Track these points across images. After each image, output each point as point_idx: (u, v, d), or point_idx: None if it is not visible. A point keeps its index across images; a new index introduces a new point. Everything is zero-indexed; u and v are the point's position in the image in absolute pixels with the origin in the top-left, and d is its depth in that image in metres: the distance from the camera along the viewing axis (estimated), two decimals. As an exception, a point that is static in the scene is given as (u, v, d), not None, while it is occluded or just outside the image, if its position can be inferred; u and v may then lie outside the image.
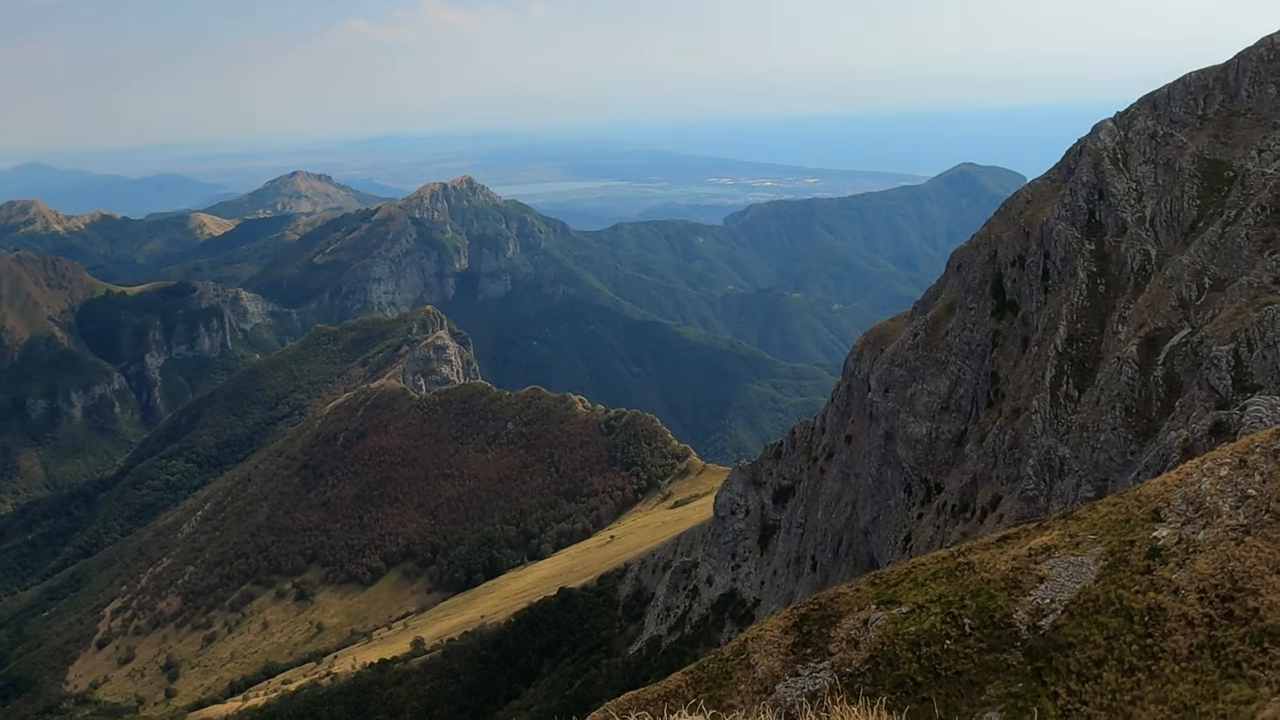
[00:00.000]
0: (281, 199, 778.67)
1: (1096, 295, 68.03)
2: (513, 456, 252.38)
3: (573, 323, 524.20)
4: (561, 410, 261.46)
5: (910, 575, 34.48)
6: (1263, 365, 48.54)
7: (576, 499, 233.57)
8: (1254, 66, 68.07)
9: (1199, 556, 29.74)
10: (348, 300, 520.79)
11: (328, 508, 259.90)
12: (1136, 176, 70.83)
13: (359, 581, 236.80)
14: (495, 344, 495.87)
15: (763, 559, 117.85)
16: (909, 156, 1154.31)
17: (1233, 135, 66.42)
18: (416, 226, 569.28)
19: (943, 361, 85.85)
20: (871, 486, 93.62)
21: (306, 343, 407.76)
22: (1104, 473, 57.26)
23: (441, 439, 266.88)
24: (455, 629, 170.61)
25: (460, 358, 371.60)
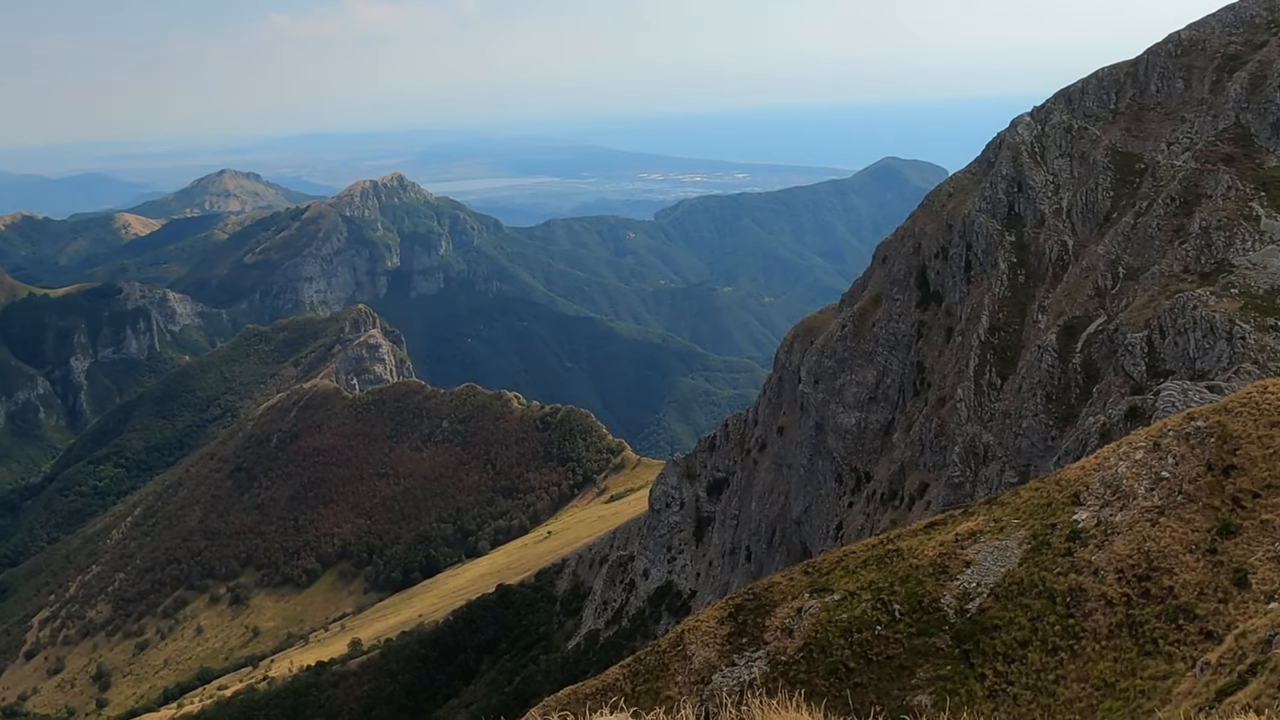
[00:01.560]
0: (209, 198, 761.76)
1: (1017, 285, 69.89)
2: (448, 454, 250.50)
3: (506, 319, 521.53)
4: (497, 407, 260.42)
5: (842, 563, 35.22)
6: (1174, 351, 50.34)
7: (513, 495, 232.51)
8: (1162, 62, 70.44)
9: (1117, 538, 30.87)
10: (279, 300, 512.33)
11: (262, 510, 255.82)
12: (1053, 169, 72.88)
13: (295, 584, 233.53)
14: (429, 342, 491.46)
15: (698, 551, 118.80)
16: (835, 151, 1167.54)
17: (1143, 128, 68.70)
18: (347, 225, 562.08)
19: (870, 352, 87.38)
20: (803, 476, 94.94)
21: (237, 343, 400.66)
22: (1026, 458, 58.90)
23: (376, 438, 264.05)
24: (393, 629, 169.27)
25: (394, 356, 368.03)
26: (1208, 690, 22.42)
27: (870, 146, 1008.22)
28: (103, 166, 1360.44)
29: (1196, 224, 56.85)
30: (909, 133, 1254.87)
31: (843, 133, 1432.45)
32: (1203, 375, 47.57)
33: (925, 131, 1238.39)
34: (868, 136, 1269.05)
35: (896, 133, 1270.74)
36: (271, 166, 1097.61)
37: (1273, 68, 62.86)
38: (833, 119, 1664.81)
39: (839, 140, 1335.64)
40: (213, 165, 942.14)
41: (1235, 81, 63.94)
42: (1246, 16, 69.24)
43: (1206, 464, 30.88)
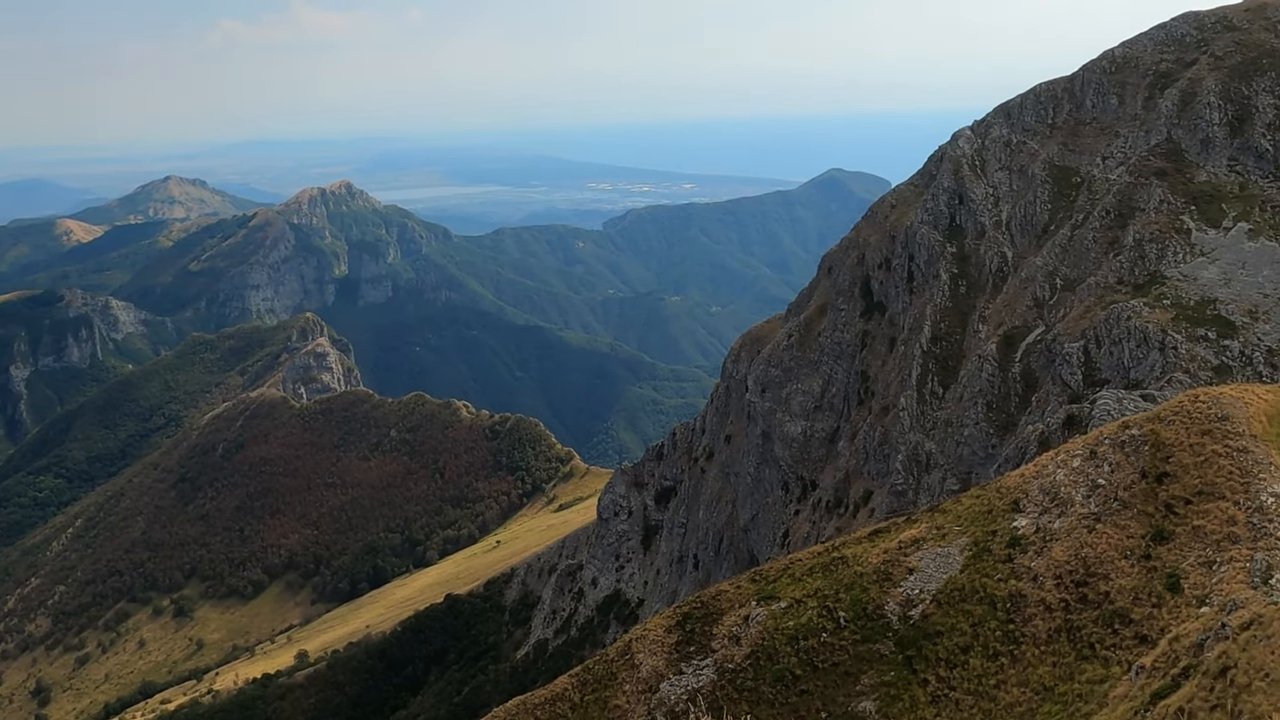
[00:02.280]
0: (154, 204, 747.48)
1: (958, 295, 71.10)
2: (396, 464, 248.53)
3: (455, 328, 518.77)
4: (445, 416, 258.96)
5: (788, 571, 35.55)
6: (1110, 361, 51.59)
7: (462, 505, 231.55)
8: (1097, 78, 72.25)
9: (1055, 544, 31.53)
10: (225, 308, 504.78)
11: (207, 520, 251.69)
12: (993, 182, 74.33)
13: (240, 595, 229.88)
14: (377, 350, 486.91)
15: (646, 559, 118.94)
16: (781, 162, 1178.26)
17: (1079, 143, 70.38)
18: (295, 232, 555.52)
19: (816, 362, 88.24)
20: (750, 485, 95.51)
21: (182, 352, 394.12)
22: (968, 466, 59.88)
23: (323, 448, 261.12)
24: (340, 640, 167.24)
25: (341, 365, 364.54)
26: (1143, 694, 23.00)
27: (816, 158, 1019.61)
28: (43, 172, 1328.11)
29: (1130, 237, 58.35)
30: (853, 145, 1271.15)
31: (789, 144, 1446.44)
32: (1137, 384, 48.80)
33: (869, 144, 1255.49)
34: (813, 148, 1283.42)
35: (841, 145, 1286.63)
36: (218, 173, 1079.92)
37: (1202, 85, 64.79)
38: (779, 130, 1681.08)
39: (785, 152, 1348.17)
40: (157, 171, 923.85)
41: (1167, 98, 65.79)
42: (1177, 35, 71.28)
43: (1141, 471, 31.60)
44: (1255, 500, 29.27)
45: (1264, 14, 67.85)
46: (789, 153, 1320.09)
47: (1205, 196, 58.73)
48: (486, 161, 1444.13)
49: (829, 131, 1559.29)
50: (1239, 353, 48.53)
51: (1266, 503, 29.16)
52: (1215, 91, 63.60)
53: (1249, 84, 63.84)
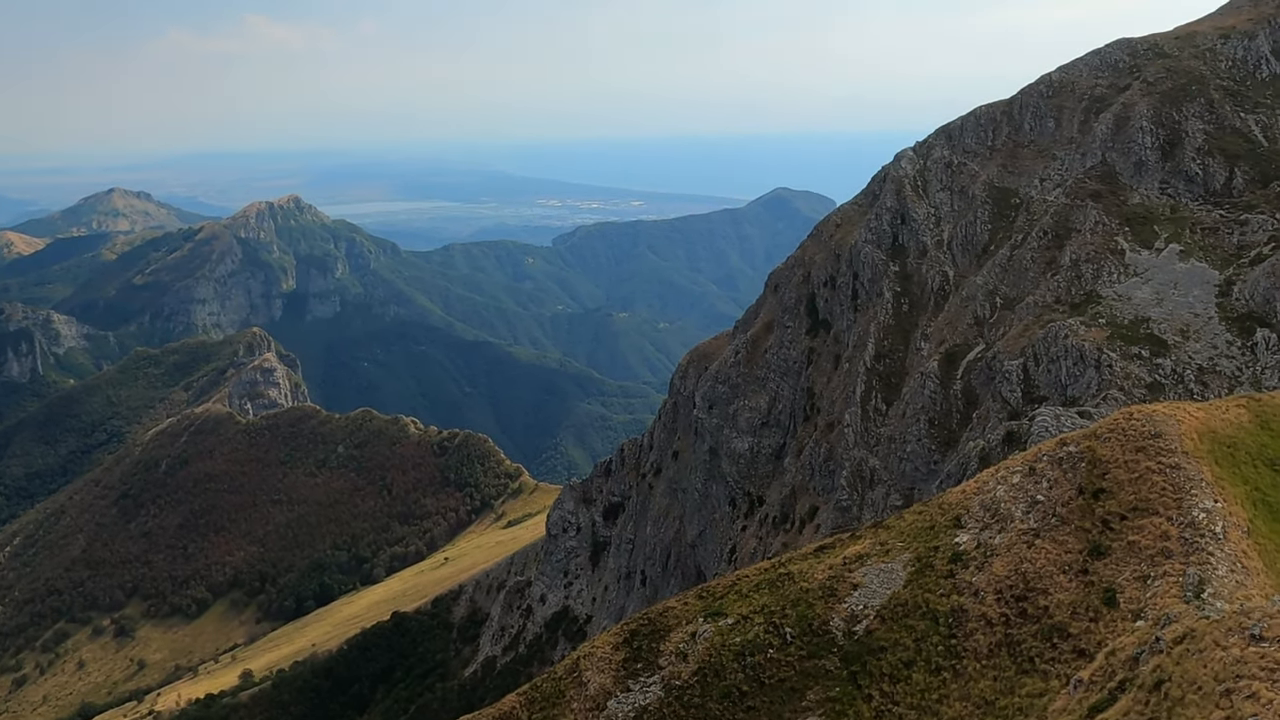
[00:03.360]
0: (97, 217, 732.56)
1: (901, 314, 72.20)
2: (343, 480, 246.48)
3: (404, 343, 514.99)
4: (393, 432, 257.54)
5: (735, 587, 35.72)
6: (1048, 378, 52.71)
7: (410, 521, 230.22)
8: (1035, 102, 74.03)
9: (996, 560, 32.03)
10: (170, 322, 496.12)
11: (149, 538, 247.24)
12: (935, 202, 75.70)
13: (184, 614, 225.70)
14: (325, 366, 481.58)
15: (594, 575, 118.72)
16: (728, 180, 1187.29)
17: (1018, 165, 72.00)
18: (242, 246, 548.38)
19: (762, 378, 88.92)
20: (698, 501, 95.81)
21: (125, 367, 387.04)
22: (911, 482, 60.67)
23: (269, 464, 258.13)
24: (286, 659, 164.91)
25: (288, 380, 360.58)
26: (1081, 707, 23.46)
27: (763, 176, 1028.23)
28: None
29: (1067, 257, 59.74)
30: (800, 164, 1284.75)
31: (736, 163, 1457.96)
32: (1074, 401, 49.88)
33: (814, 162, 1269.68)
34: (760, 167, 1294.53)
35: (788, 164, 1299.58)
36: (164, 185, 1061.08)
37: (1135, 110, 66.66)
38: (726, 149, 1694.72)
39: (733, 170, 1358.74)
40: (101, 183, 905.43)
41: (1101, 122, 67.57)
42: (1111, 61, 73.30)
43: (1078, 487, 32.18)
44: (1187, 516, 29.87)
45: (1193, 42, 70.07)
46: (736, 171, 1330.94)
47: (1138, 218, 60.35)
48: (436, 176, 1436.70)
49: (776, 150, 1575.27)
50: (1171, 371, 49.84)
51: (1198, 518, 29.76)
52: (1147, 116, 65.47)
53: (1179, 109, 65.82)
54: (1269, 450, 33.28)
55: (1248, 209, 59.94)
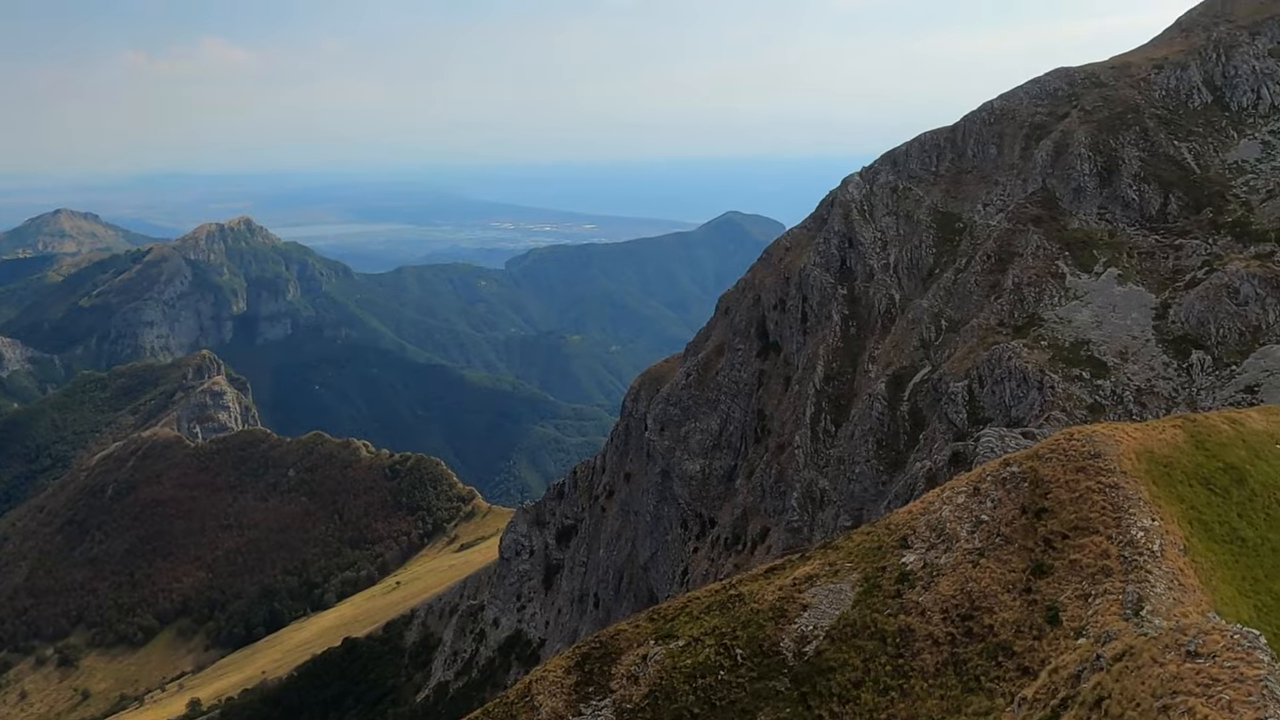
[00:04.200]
0: (43, 238, 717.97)
1: (849, 336, 73.14)
2: (294, 505, 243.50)
3: (356, 366, 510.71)
4: (345, 455, 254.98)
5: (686, 609, 35.81)
6: (992, 399, 53.68)
7: (361, 546, 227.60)
8: (977, 129, 75.66)
9: (942, 579, 32.45)
10: (117, 345, 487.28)
11: (95, 565, 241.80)
12: (881, 227, 76.92)
13: (130, 642, 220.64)
14: (275, 389, 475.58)
15: (547, 599, 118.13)
16: (679, 204, 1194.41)
17: (962, 190, 73.46)
18: (192, 268, 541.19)
19: (714, 400, 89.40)
20: (650, 523, 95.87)
21: (71, 390, 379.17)
22: (859, 502, 61.32)
23: (219, 488, 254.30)
24: (234, 687, 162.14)
25: (238, 403, 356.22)
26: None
27: (713, 200, 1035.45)
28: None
29: (1010, 280, 60.98)
30: (749, 187, 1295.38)
31: (687, 187, 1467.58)
32: (1018, 422, 50.84)
33: (764, 187, 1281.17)
34: (711, 191, 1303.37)
35: (738, 188, 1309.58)
36: (112, 207, 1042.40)
37: (1073, 137, 68.38)
38: (677, 173, 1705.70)
39: (683, 194, 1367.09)
40: (48, 204, 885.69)
41: (1042, 149, 69.22)
42: (1050, 89, 75.18)
43: (1021, 507, 32.71)
44: (1126, 534, 30.31)
45: (1128, 72, 72.11)
46: (687, 195, 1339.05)
47: (1078, 243, 61.82)
48: (390, 199, 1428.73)
49: (726, 175, 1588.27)
50: (1111, 392, 51.01)
51: (1136, 536, 30.23)
52: (1085, 144, 67.19)
53: (1116, 137, 67.63)
54: (1204, 470, 34.02)
55: (1182, 234, 61.67)
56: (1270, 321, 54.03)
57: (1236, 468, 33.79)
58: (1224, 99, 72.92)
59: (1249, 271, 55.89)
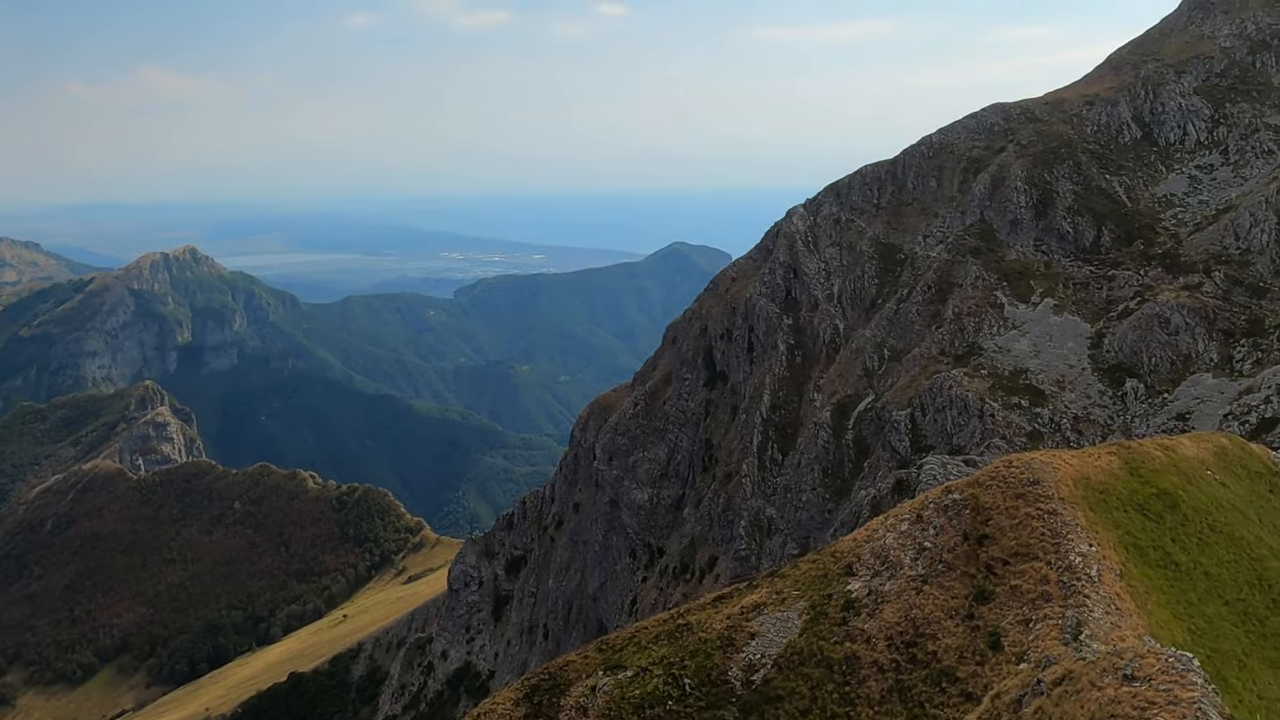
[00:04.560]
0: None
1: (795, 365, 73.96)
2: (239, 537, 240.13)
3: (303, 397, 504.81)
4: (291, 487, 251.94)
5: (634, 639, 35.77)
6: (934, 427, 54.58)
7: (308, 579, 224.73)
8: (917, 162, 77.31)
9: (886, 606, 32.78)
10: (57, 376, 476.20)
11: (33, 601, 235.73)
12: (825, 257, 78.11)
13: (68, 680, 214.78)
14: (221, 420, 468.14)
15: (496, 630, 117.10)
16: (627, 234, 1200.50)
17: (902, 222, 74.94)
18: (135, 298, 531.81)
19: (661, 430, 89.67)
20: (599, 553, 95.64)
21: (9, 422, 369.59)
22: (806, 530, 61.84)
23: (162, 521, 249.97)
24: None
25: (183, 435, 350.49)
26: (967, 750, 24.16)
27: (660, 231, 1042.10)
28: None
29: (950, 310, 62.23)
30: (696, 219, 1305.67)
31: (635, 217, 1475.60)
32: (960, 450, 51.73)
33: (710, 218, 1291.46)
34: (658, 221, 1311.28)
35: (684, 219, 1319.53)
36: (53, 236, 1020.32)
37: (1010, 171, 70.19)
38: (625, 204, 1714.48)
39: (631, 224, 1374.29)
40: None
41: (979, 182, 70.94)
42: (987, 124, 77.17)
43: (963, 534, 33.15)
44: (1065, 560, 30.72)
45: (1061, 108, 74.26)
46: (635, 226, 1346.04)
47: (1015, 274, 63.32)
48: (337, 229, 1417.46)
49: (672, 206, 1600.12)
50: (1049, 420, 52.15)
51: (1074, 562, 30.67)
52: (1021, 177, 68.99)
53: (1050, 171, 69.54)
54: (1138, 496, 34.72)
55: (1115, 265, 63.44)
56: (1200, 351, 55.70)
57: (1170, 494, 34.48)
58: (1153, 135, 75.38)
59: (1179, 302, 57.61)
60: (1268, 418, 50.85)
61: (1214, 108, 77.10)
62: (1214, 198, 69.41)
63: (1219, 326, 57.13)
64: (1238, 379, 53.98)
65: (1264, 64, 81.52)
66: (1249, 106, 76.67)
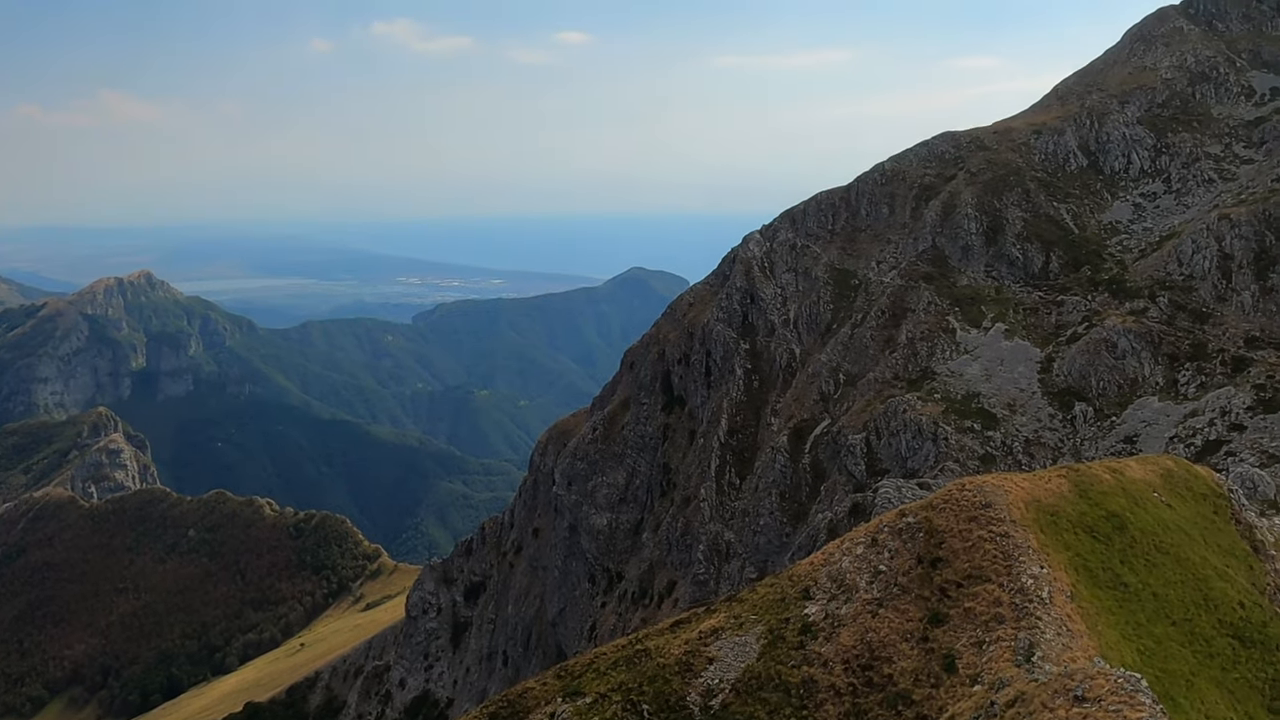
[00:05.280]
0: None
1: (752, 390, 74.46)
2: (194, 565, 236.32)
3: (259, 423, 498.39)
4: (248, 514, 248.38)
5: (593, 665, 35.71)
6: (889, 451, 55.21)
7: (264, 607, 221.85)
8: (870, 189, 78.52)
9: (843, 630, 33.00)
10: (9, 403, 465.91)
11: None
12: (781, 283, 78.90)
13: (17, 714, 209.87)
14: (176, 446, 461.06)
15: (455, 657, 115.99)
16: (586, 259, 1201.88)
17: (856, 248, 76.01)
18: (89, 323, 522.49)
19: (620, 454, 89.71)
20: (558, 578, 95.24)
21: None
22: (764, 554, 62.12)
23: (114, 550, 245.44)
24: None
25: (137, 462, 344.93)
26: (922, 771, 24.40)
27: (619, 256, 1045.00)
28: None
29: (904, 335, 63.11)
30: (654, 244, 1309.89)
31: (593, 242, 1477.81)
32: (914, 473, 52.37)
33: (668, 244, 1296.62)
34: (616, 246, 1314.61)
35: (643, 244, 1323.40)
36: (6, 260, 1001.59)
37: (960, 198, 71.50)
38: (584, 229, 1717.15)
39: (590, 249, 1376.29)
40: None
41: (931, 209, 72.18)
42: (938, 152, 78.61)
43: (917, 557, 33.48)
44: (1017, 582, 31.06)
45: (1009, 137, 75.89)
46: (593, 251, 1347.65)
47: (967, 299, 64.42)
48: (294, 253, 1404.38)
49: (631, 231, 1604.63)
50: (1001, 443, 52.98)
51: (1026, 584, 31.02)
52: (972, 204, 70.32)
53: (1000, 198, 70.96)
54: (1087, 518, 35.24)
55: (1063, 291, 64.78)
56: (1146, 375, 56.95)
57: (1118, 515, 35.02)
58: (1098, 163, 77.21)
59: (1125, 327, 58.91)
60: (1211, 440, 52.04)
61: (1156, 137, 79.24)
62: (1158, 225, 71.21)
63: (1164, 351, 58.50)
64: (1183, 402, 55.25)
65: (1203, 95, 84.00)
66: (1190, 136, 78.88)
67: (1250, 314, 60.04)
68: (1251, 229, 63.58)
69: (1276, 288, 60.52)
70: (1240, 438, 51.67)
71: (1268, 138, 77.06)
